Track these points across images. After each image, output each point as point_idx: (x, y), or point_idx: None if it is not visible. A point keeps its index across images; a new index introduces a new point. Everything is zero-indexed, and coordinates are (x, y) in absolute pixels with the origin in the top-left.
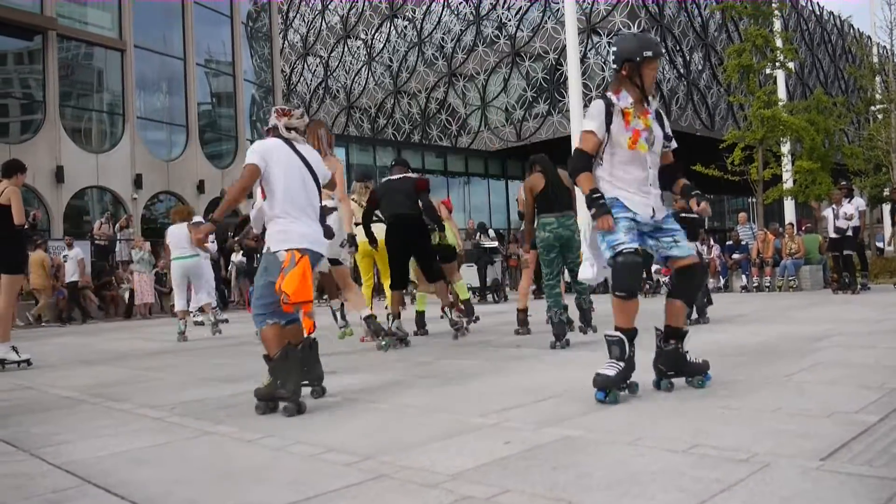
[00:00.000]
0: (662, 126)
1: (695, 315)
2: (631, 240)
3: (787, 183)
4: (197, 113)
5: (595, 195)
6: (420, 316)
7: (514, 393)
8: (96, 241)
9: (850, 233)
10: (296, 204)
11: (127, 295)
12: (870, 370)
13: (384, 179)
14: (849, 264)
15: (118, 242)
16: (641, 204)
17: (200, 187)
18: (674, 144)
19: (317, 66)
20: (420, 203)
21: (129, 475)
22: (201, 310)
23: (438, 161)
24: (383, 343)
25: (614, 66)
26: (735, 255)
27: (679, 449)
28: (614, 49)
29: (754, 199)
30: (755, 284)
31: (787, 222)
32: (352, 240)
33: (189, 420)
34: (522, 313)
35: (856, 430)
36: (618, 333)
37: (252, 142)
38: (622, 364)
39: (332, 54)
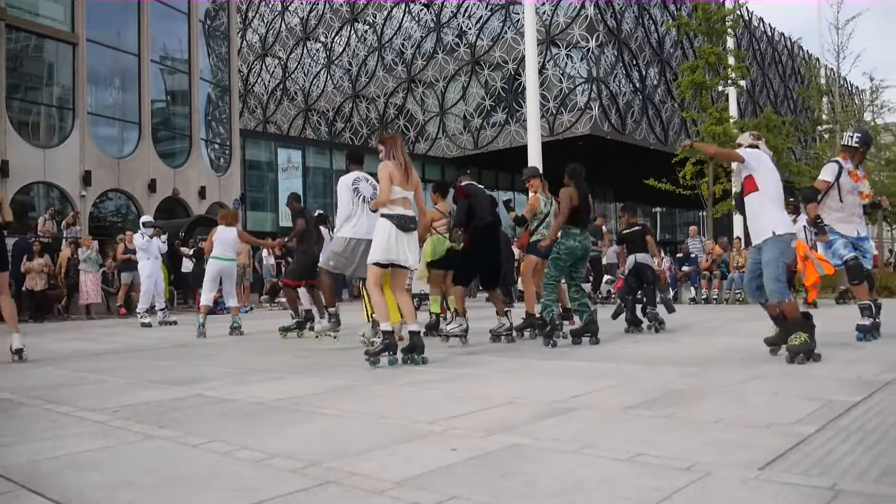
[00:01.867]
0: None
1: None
2: (850, 250)
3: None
4: (150, 110)
5: (818, 220)
6: (437, 318)
7: (464, 400)
8: (40, 239)
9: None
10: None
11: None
12: (809, 382)
13: (470, 184)
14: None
15: (64, 240)
16: (850, 228)
17: (152, 186)
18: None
19: (275, 67)
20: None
21: (67, 480)
22: (212, 312)
23: None
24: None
25: (856, 143)
26: (685, 268)
27: (623, 458)
28: (862, 134)
29: (705, 213)
30: (704, 297)
31: (735, 236)
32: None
33: (132, 424)
34: (532, 318)
35: (793, 441)
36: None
37: (206, 141)
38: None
39: (291, 56)
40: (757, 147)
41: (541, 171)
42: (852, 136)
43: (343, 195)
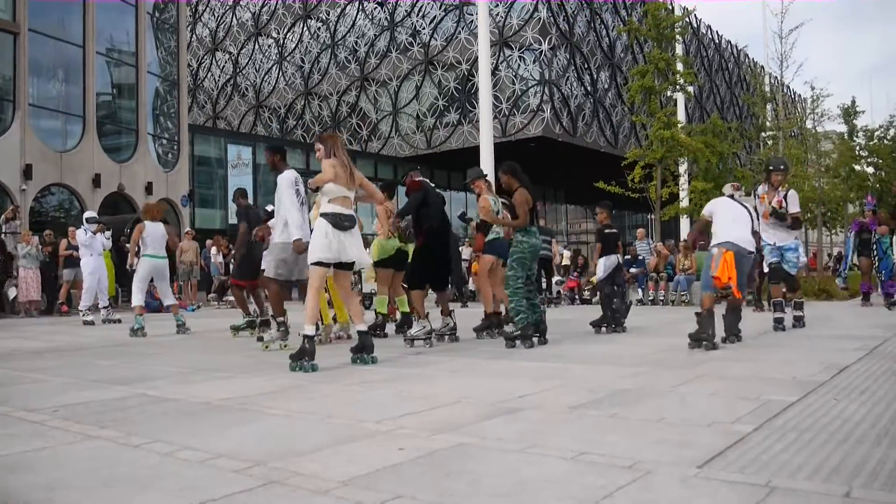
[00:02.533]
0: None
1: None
2: (774, 255)
3: (684, 201)
4: (95, 103)
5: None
6: (406, 316)
7: (411, 400)
8: None
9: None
10: None
11: (11, 292)
12: (748, 382)
13: (424, 180)
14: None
15: (2, 235)
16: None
17: (96, 181)
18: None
19: (226, 62)
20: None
21: (4, 482)
22: (157, 310)
23: None
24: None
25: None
26: (632, 269)
27: (568, 457)
28: (766, 161)
29: (653, 216)
30: (650, 298)
31: (681, 239)
32: None
33: (71, 424)
34: (494, 317)
35: (731, 440)
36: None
37: (154, 136)
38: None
39: (242, 51)
40: (733, 196)
41: (486, 173)
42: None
43: (286, 196)
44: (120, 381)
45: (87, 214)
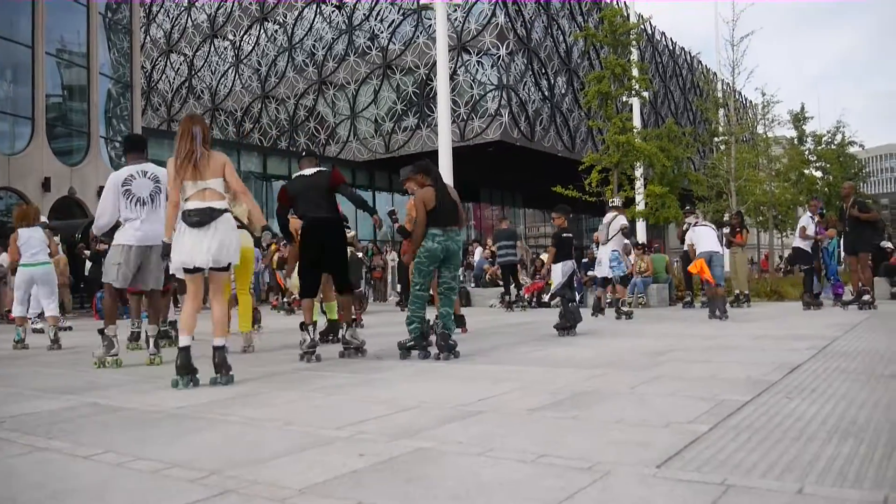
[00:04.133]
0: None
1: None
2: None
3: (640, 205)
4: (45, 105)
5: None
6: (334, 323)
7: (370, 405)
8: None
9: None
10: None
11: None
12: (704, 383)
13: (296, 175)
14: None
15: None
16: None
17: (46, 185)
18: None
19: (180, 64)
20: (347, 199)
21: None
22: (40, 317)
23: None
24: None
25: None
26: (590, 272)
27: (528, 459)
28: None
29: None
30: (608, 300)
31: (637, 242)
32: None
33: (19, 435)
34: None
35: (689, 439)
36: None
37: (106, 139)
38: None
39: (198, 53)
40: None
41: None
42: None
43: (107, 197)
44: (69, 391)
45: (40, 220)
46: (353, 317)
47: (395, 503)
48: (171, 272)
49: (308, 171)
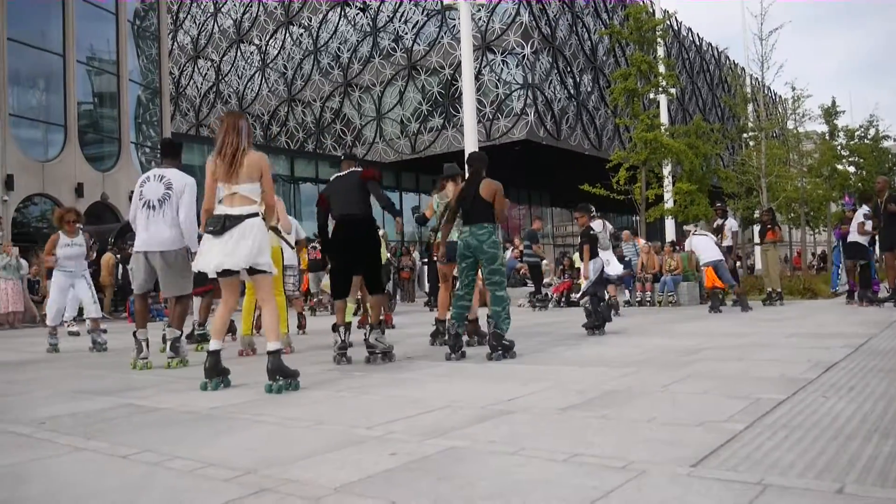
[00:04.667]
0: None
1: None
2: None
3: (668, 203)
4: (77, 112)
5: None
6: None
7: (401, 405)
8: None
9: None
10: None
11: None
12: (738, 381)
13: (333, 177)
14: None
15: None
16: None
17: (79, 191)
18: None
19: (208, 69)
20: (374, 197)
21: None
22: (75, 319)
23: (332, 171)
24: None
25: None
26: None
27: (560, 458)
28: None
29: (638, 218)
30: (638, 299)
31: (667, 240)
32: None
33: (59, 436)
34: (442, 324)
35: (724, 438)
36: None
37: (137, 145)
38: None
39: (225, 58)
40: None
41: (459, 172)
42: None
43: (133, 200)
44: (106, 392)
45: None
46: (382, 317)
47: (429, 502)
48: (194, 271)
49: (343, 172)
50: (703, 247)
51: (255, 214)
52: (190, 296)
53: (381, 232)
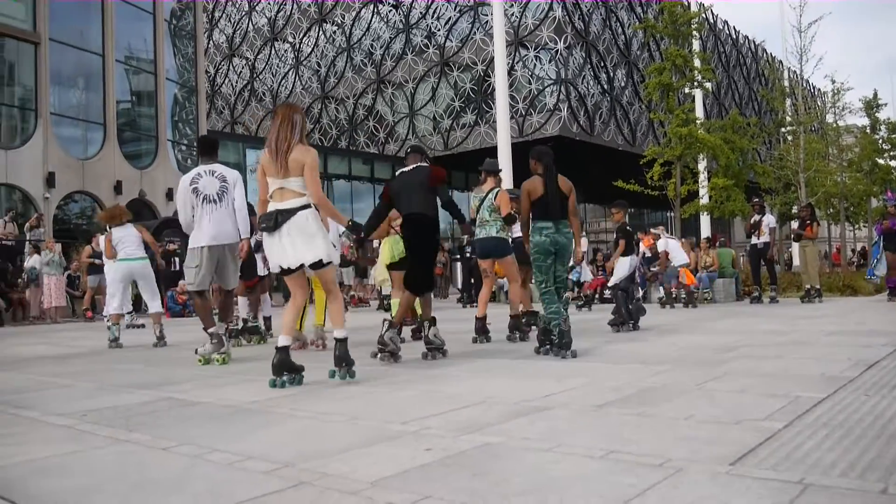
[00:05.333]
0: None
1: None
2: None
3: (703, 199)
4: (115, 111)
5: None
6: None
7: (436, 400)
8: (2, 242)
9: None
10: None
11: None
12: (777, 379)
13: (398, 172)
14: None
15: (27, 243)
16: None
17: (118, 188)
18: None
19: (242, 67)
20: (440, 201)
21: (35, 485)
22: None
23: (365, 168)
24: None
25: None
26: (654, 268)
27: (596, 455)
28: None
29: (672, 214)
30: (673, 296)
31: (702, 237)
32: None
33: (100, 428)
34: (481, 321)
35: (762, 437)
36: None
37: (173, 142)
38: None
39: (259, 56)
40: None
41: (499, 168)
42: None
43: (179, 199)
44: (145, 386)
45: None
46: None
47: (465, 498)
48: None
49: (408, 168)
50: (675, 249)
51: (308, 206)
52: (232, 289)
53: None
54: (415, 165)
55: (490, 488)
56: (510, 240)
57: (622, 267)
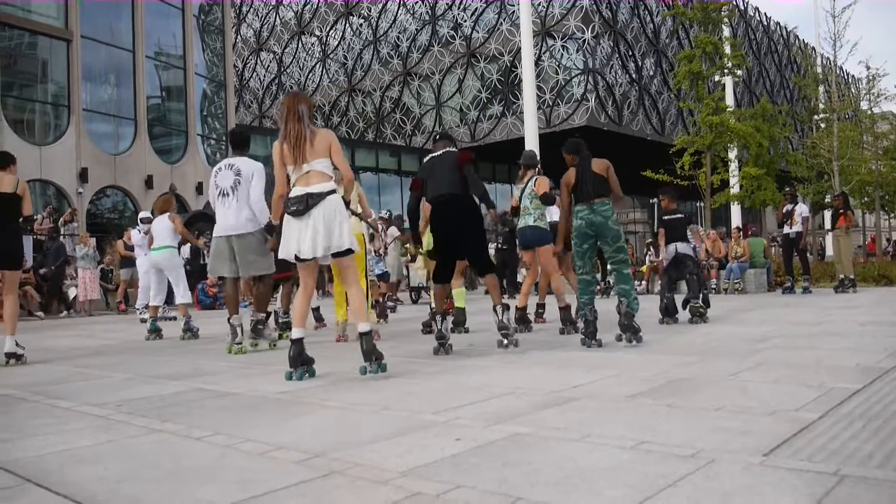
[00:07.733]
0: None
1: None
2: None
3: (734, 188)
4: (146, 106)
5: None
6: (461, 312)
7: (466, 391)
8: (38, 237)
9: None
10: None
11: (72, 292)
12: (810, 370)
13: (427, 158)
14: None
15: (62, 237)
16: None
17: (149, 182)
18: None
19: (270, 61)
20: (469, 182)
21: (71, 474)
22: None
23: (392, 160)
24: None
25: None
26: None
27: (626, 445)
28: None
29: (703, 204)
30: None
31: (733, 226)
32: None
33: (134, 418)
34: (522, 311)
35: (796, 427)
36: None
37: (203, 137)
38: None
39: (286, 50)
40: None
41: (533, 162)
42: None
43: (209, 192)
44: (178, 377)
45: (141, 215)
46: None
47: (495, 487)
48: (278, 258)
49: (437, 153)
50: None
51: (334, 191)
52: (271, 278)
53: None
54: (443, 150)
55: (520, 478)
56: (549, 228)
57: (666, 254)
